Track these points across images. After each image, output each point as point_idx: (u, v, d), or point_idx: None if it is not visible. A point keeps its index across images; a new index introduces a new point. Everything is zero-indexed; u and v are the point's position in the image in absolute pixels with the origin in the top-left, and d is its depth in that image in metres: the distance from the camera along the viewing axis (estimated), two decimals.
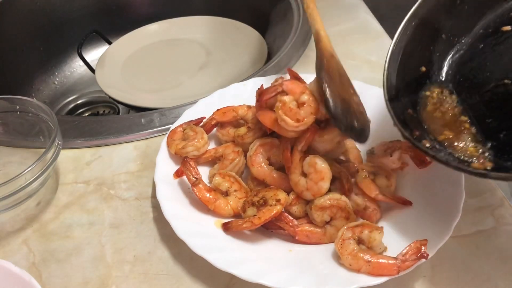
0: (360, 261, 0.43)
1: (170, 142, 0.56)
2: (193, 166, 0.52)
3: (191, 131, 0.56)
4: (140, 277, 0.47)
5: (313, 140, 0.50)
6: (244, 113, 0.58)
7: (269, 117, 0.50)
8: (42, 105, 0.57)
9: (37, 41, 0.99)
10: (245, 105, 0.58)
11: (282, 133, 0.50)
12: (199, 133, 0.56)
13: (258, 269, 0.43)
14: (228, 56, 0.94)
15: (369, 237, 0.45)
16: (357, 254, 0.43)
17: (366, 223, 0.46)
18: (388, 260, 0.43)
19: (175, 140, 0.56)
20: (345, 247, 0.44)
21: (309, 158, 0.48)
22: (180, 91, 0.87)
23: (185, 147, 0.54)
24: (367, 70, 0.74)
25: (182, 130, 0.57)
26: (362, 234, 0.45)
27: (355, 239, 0.45)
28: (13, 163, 0.61)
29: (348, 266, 0.44)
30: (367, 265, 0.43)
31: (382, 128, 0.58)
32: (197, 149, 0.54)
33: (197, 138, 0.55)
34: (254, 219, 0.46)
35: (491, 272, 0.46)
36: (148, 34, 1.01)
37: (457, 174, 0.50)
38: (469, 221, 0.50)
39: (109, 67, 0.92)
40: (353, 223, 0.46)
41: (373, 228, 0.45)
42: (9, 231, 0.53)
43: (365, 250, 0.44)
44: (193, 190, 0.50)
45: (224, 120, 0.58)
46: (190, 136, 0.55)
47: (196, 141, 0.54)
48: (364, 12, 0.89)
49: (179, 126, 0.58)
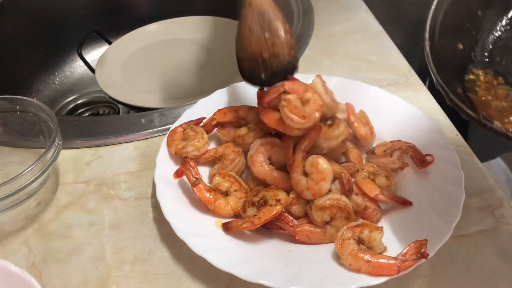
0: (360, 261, 0.43)
1: (170, 142, 0.56)
2: (193, 166, 0.52)
3: (191, 131, 0.56)
4: (140, 277, 0.47)
5: (318, 138, 0.50)
6: (245, 114, 0.58)
7: (272, 117, 0.50)
8: (42, 105, 0.57)
9: (37, 41, 0.99)
10: (246, 106, 0.59)
11: (287, 131, 0.50)
12: (199, 133, 0.56)
13: (258, 269, 0.43)
14: (228, 56, 0.94)
15: (369, 237, 0.45)
16: (357, 254, 0.43)
17: (366, 223, 0.46)
18: (388, 260, 0.43)
19: (175, 140, 0.56)
20: (345, 247, 0.44)
21: (312, 158, 0.48)
22: (180, 91, 0.87)
23: (185, 147, 0.54)
24: (367, 70, 0.74)
25: (182, 130, 0.57)
26: (362, 234, 0.45)
27: (355, 239, 0.45)
28: (13, 163, 0.61)
29: (348, 266, 0.44)
30: (367, 265, 0.43)
31: (382, 128, 0.58)
32: (197, 149, 0.54)
33: (197, 138, 0.55)
34: (254, 219, 0.46)
35: (491, 272, 0.46)
36: (148, 34, 1.01)
37: (457, 174, 0.50)
38: (469, 221, 0.50)
39: (109, 67, 0.92)
40: (353, 223, 0.46)
41: (373, 228, 0.45)
42: (9, 231, 0.53)
43: (365, 250, 0.44)
44: (193, 190, 0.50)
45: (225, 121, 0.58)
46: (190, 136, 0.55)
47: (196, 141, 0.54)
48: (364, 12, 0.89)
49: (179, 126, 0.58)
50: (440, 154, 0.53)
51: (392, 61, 0.75)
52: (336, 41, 0.81)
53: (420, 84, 0.70)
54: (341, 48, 0.79)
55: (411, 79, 0.71)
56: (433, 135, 0.56)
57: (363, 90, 0.62)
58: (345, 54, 0.78)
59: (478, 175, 0.55)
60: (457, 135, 0.61)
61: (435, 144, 0.54)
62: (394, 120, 0.58)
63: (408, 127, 0.57)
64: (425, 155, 0.53)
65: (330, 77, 0.64)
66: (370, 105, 0.60)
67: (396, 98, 0.61)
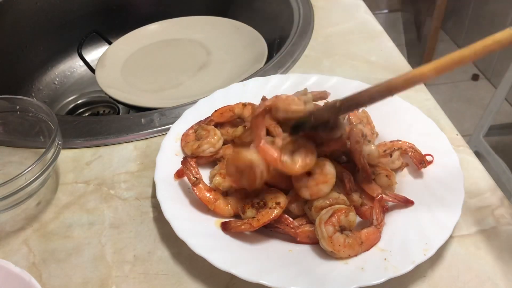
0: (356, 247, 0.44)
1: (185, 145, 0.56)
2: (193, 166, 0.52)
3: (203, 131, 0.57)
4: (140, 277, 0.47)
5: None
6: (240, 111, 0.58)
7: (270, 156, 0.47)
8: (42, 105, 0.57)
9: (37, 41, 0.99)
10: (240, 103, 0.59)
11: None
12: (211, 130, 0.57)
13: (258, 269, 0.43)
14: (228, 56, 0.94)
15: (348, 220, 0.46)
16: (350, 243, 0.44)
17: (336, 208, 0.46)
18: (371, 231, 0.46)
19: (189, 142, 0.56)
20: (336, 243, 0.44)
21: (320, 159, 0.48)
22: (180, 91, 0.87)
23: (201, 145, 0.55)
24: (367, 70, 0.74)
25: (194, 132, 0.57)
26: (341, 222, 0.46)
27: (338, 230, 0.45)
28: (13, 163, 0.61)
29: (348, 257, 0.44)
30: (361, 246, 0.45)
31: (382, 128, 0.58)
32: (213, 145, 0.55)
33: (210, 135, 0.56)
34: (253, 222, 0.47)
35: (491, 272, 0.46)
36: (148, 34, 1.01)
37: (457, 174, 0.50)
38: (469, 221, 0.50)
39: (109, 67, 0.92)
40: (326, 216, 0.46)
41: (343, 210, 0.46)
42: (9, 231, 0.53)
43: (352, 236, 0.45)
44: (193, 190, 0.50)
45: (222, 121, 0.58)
46: (203, 135, 0.56)
47: (210, 138, 0.55)
48: (364, 12, 0.89)
49: (190, 129, 0.58)
50: (440, 154, 0.53)
51: (392, 61, 0.75)
52: (336, 41, 0.81)
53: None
54: (341, 48, 0.79)
55: None
56: (433, 135, 0.56)
57: None
58: (345, 54, 0.78)
59: (478, 175, 0.55)
60: (457, 135, 0.61)
61: (435, 144, 0.54)
62: (393, 120, 0.58)
63: (408, 127, 0.57)
64: (425, 155, 0.53)
65: (330, 77, 0.64)
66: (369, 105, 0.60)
67: (396, 98, 0.61)
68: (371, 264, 0.44)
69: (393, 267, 0.43)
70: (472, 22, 2.26)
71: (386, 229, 0.47)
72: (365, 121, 0.57)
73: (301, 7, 0.89)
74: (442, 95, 2.07)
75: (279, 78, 0.66)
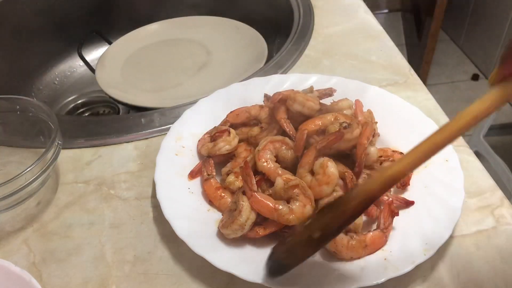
0: (359, 250, 0.44)
1: (201, 147, 0.57)
2: (211, 164, 0.54)
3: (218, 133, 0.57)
4: (140, 277, 0.47)
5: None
6: (257, 113, 0.59)
7: (265, 206, 0.47)
8: (42, 105, 0.57)
9: (37, 41, 0.99)
10: (257, 105, 0.60)
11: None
12: (225, 130, 0.57)
13: (258, 269, 0.43)
14: (228, 56, 0.94)
15: (354, 223, 0.45)
16: (353, 245, 0.44)
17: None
18: (377, 235, 0.45)
19: (205, 144, 0.57)
20: (339, 244, 0.44)
21: (322, 159, 0.48)
22: (180, 91, 0.87)
23: (216, 144, 0.55)
24: (367, 70, 0.74)
25: (209, 135, 0.58)
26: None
27: (343, 232, 0.45)
28: (13, 163, 0.61)
29: (350, 259, 0.44)
30: (365, 250, 0.44)
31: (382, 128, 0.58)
32: (229, 143, 0.55)
33: (225, 134, 0.56)
34: (259, 230, 0.47)
35: (491, 272, 0.46)
36: (148, 34, 1.01)
37: (457, 174, 0.50)
38: (469, 221, 0.50)
39: (109, 67, 0.92)
40: None
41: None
42: (9, 231, 0.53)
43: (356, 238, 0.45)
44: (204, 184, 0.51)
45: (238, 122, 0.59)
46: (218, 136, 0.56)
47: (226, 136, 0.56)
48: (364, 12, 0.89)
49: (205, 134, 0.58)
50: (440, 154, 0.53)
51: (392, 61, 0.75)
52: (336, 41, 0.81)
53: (420, 84, 0.70)
54: (341, 48, 0.79)
55: (411, 79, 0.71)
56: None
57: (363, 90, 0.62)
58: (345, 54, 0.78)
59: (478, 175, 0.55)
60: None
61: None
62: (394, 120, 0.58)
63: (408, 127, 0.57)
64: None
65: (330, 77, 0.64)
66: (370, 105, 0.60)
67: (396, 98, 0.61)
68: (371, 264, 0.44)
69: (393, 267, 0.43)
70: (472, 22, 2.26)
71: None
72: (370, 120, 0.57)
73: (301, 7, 0.89)
74: (442, 95, 2.07)
75: (279, 78, 0.66)
